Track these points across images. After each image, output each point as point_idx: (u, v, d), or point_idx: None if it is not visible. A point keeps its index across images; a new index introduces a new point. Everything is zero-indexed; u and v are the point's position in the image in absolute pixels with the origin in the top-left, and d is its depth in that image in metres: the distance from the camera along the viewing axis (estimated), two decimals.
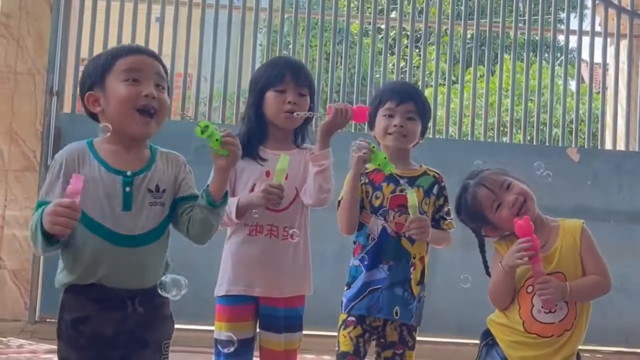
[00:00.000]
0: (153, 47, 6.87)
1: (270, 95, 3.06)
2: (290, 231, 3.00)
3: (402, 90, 3.31)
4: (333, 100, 6.92)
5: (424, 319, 3.29)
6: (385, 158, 3.01)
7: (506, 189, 2.96)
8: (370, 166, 3.19)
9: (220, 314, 3.05)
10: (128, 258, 2.32)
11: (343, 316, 3.18)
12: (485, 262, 3.08)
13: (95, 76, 2.39)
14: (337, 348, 3.17)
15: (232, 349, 2.78)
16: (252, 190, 3.01)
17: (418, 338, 3.29)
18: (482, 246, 3.10)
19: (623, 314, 6.26)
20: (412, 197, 3.06)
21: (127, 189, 2.32)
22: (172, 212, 2.44)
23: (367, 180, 3.21)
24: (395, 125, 3.19)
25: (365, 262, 3.16)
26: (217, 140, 2.29)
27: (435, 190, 3.25)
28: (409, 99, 3.24)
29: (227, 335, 2.42)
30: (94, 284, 2.30)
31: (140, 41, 6.46)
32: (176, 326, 6.62)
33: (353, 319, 3.14)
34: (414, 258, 3.18)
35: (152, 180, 2.39)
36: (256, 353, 3.07)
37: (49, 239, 2.18)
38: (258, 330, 3.06)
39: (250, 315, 3.03)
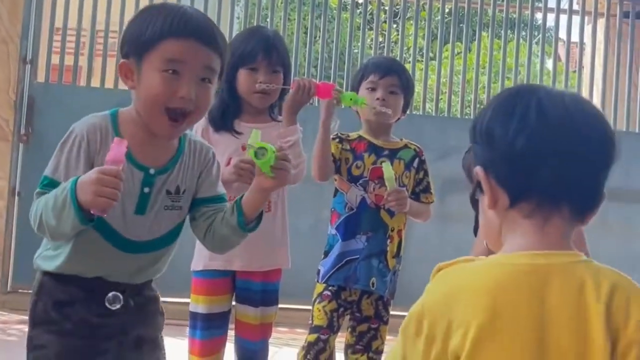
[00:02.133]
0: (129, 19, 6.81)
1: (242, 73, 3.03)
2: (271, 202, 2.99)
3: (385, 64, 3.30)
4: (311, 75, 6.90)
5: (399, 294, 3.31)
6: (351, 98, 3.03)
7: None
8: (353, 135, 3.20)
9: (196, 287, 3.03)
10: (131, 263, 2.06)
11: (319, 288, 3.17)
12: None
13: (135, 46, 1.98)
14: (310, 321, 3.17)
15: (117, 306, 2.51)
16: (228, 164, 2.99)
17: (393, 312, 3.31)
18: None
19: None
20: (388, 169, 3.07)
21: (146, 189, 2.00)
22: (190, 210, 2.14)
23: (348, 147, 3.20)
24: (377, 99, 3.18)
25: (342, 231, 3.16)
26: (269, 166, 1.96)
27: (415, 164, 3.26)
28: (392, 73, 3.23)
29: (113, 295, 2.16)
30: (91, 277, 2.04)
31: (115, 13, 6.37)
32: None
33: (329, 293, 3.14)
34: (392, 230, 3.18)
35: (173, 181, 2.06)
36: (231, 326, 3.06)
37: (84, 214, 1.81)
38: (234, 303, 3.06)
39: (227, 289, 3.02)
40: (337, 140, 3.20)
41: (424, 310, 1.33)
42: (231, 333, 3.06)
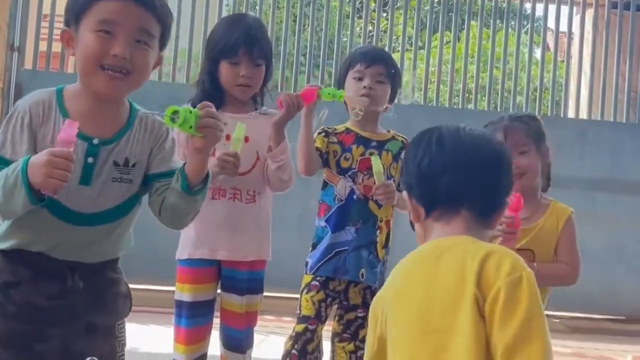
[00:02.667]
0: None
1: (224, 66, 3.02)
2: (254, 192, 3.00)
3: (372, 53, 3.30)
4: (299, 64, 6.89)
5: (382, 283, 3.32)
6: (335, 92, 3.07)
7: (519, 154, 2.77)
8: (340, 128, 3.21)
9: (181, 276, 3.03)
10: (77, 236, 1.99)
11: (307, 278, 3.17)
12: None
13: (72, 12, 1.99)
14: (298, 311, 3.17)
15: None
16: (213, 153, 2.99)
17: None
18: None
19: (580, 280, 6.36)
20: (377, 163, 3.07)
21: (90, 159, 1.95)
22: (145, 186, 2.08)
23: (335, 140, 3.21)
24: (364, 87, 3.18)
25: (332, 223, 3.16)
26: (190, 127, 1.90)
27: (402, 155, 3.26)
28: (379, 62, 3.22)
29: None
30: (30, 251, 1.99)
31: None
32: (138, 286, 6.60)
33: (317, 283, 3.14)
34: (380, 221, 3.19)
35: (121, 152, 2.01)
36: (217, 314, 3.07)
37: (35, 194, 1.81)
38: (219, 291, 3.06)
39: (212, 277, 3.02)
40: (323, 134, 3.20)
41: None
42: (217, 321, 3.06)
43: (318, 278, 3.14)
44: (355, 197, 3.15)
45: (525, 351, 1.52)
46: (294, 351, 3.09)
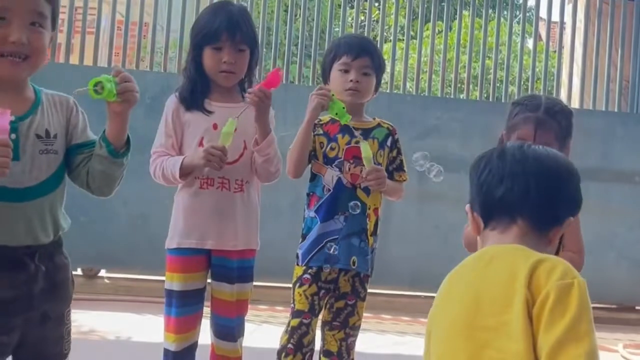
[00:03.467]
0: None
1: (207, 52, 3.02)
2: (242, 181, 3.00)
3: (358, 45, 3.26)
4: (291, 54, 6.88)
5: (379, 272, 3.33)
6: (343, 108, 3.02)
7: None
8: (325, 118, 3.20)
9: (171, 265, 3.03)
10: (21, 212, 2.02)
11: (298, 270, 3.17)
12: None
13: None
14: (292, 305, 3.17)
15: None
16: (201, 142, 2.99)
17: (372, 290, 3.32)
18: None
19: None
20: (366, 148, 3.07)
21: (12, 135, 1.97)
22: (67, 161, 2.16)
23: (321, 132, 3.21)
24: (351, 81, 3.17)
25: (321, 214, 3.17)
26: (114, 95, 2.01)
27: (389, 142, 3.26)
28: (365, 54, 3.21)
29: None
30: None
31: None
32: (133, 276, 6.55)
33: (308, 276, 3.14)
34: (369, 209, 3.19)
35: (40, 125, 2.07)
36: (207, 303, 3.07)
37: None
38: (209, 281, 3.07)
39: (202, 266, 3.02)
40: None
41: None
42: (207, 311, 3.07)
43: (309, 270, 3.14)
44: (343, 185, 3.16)
45: (569, 352, 1.51)
46: (289, 345, 3.10)
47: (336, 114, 3.03)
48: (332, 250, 3.12)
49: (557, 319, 1.54)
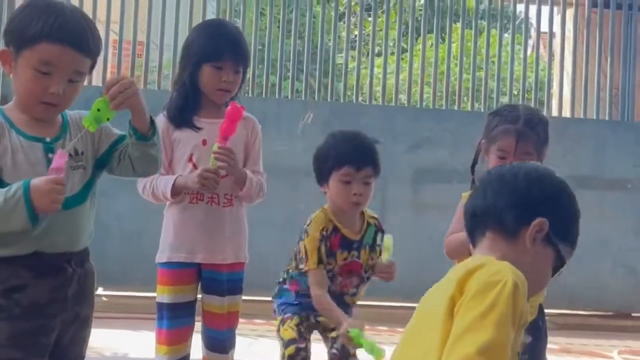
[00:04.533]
0: (101, 13, 6.80)
1: (206, 69, 3.05)
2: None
3: (359, 156, 3.10)
4: (284, 67, 6.92)
5: (373, 284, 3.31)
6: (374, 343, 2.89)
7: (522, 158, 2.77)
8: (330, 227, 3.13)
9: (161, 279, 3.06)
10: (60, 222, 2.23)
11: (277, 320, 3.15)
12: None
13: (15, 40, 2.23)
14: (281, 340, 3.06)
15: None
16: (190, 158, 3.03)
17: (367, 302, 3.29)
18: (474, 164, 3.04)
19: (567, 277, 6.41)
20: (388, 245, 3.11)
21: (50, 155, 2.21)
22: (107, 163, 2.39)
23: (327, 245, 3.08)
24: (355, 194, 3.05)
25: (302, 306, 3.10)
26: (108, 118, 2.24)
27: (378, 240, 3.22)
28: (367, 164, 3.09)
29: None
30: (28, 253, 2.20)
31: (88, 9, 6.36)
32: (124, 294, 6.58)
33: (289, 314, 3.10)
34: (354, 303, 3.19)
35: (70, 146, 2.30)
36: (199, 318, 3.09)
37: (34, 217, 2.11)
38: (199, 296, 3.09)
39: (192, 279, 3.05)
40: (320, 238, 3.06)
41: None
42: (198, 325, 3.08)
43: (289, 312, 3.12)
44: (330, 291, 3.06)
45: (465, 341, 1.51)
46: None
47: (371, 350, 2.87)
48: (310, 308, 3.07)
49: (468, 311, 1.55)
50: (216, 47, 3.03)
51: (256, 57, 6.82)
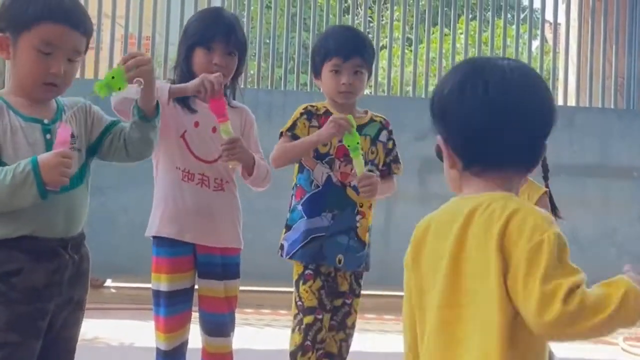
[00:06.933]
0: (107, 9, 6.83)
1: (198, 52, 3.05)
2: (230, 165, 3.02)
3: (349, 45, 3.16)
4: (289, 61, 6.94)
5: (380, 273, 3.31)
6: (358, 143, 2.96)
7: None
8: (321, 108, 3.16)
9: (157, 266, 3.04)
10: (57, 204, 2.24)
11: (299, 268, 3.13)
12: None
13: (13, 23, 2.26)
14: (300, 302, 3.07)
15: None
16: (182, 136, 3.02)
17: (374, 292, 3.31)
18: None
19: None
20: (360, 164, 3.03)
21: (48, 136, 2.26)
22: (99, 148, 2.42)
23: (316, 124, 3.16)
24: (344, 84, 3.16)
25: (308, 209, 3.15)
26: (119, 88, 2.30)
27: (383, 137, 3.22)
28: (356, 53, 3.13)
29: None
30: (24, 237, 2.21)
31: (93, 4, 6.39)
32: (132, 285, 6.59)
33: (310, 272, 3.11)
34: (361, 207, 3.17)
35: None
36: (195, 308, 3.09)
37: (44, 191, 2.12)
38: (196, 286, 3.08)
39: (189, 266, 3.03)
40: (306, 116, 3.15)
41: None
42: (195, 315, 3.07)
43: (310, 266, 3.12)
44: (332, 183, 3.13)
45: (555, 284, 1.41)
46: (307, 343, 3.02)
47: (348, 146, 2.96)
48: (318, 247, 3.09)
49: (530, 281, 1.41)
50: (207, 29, 3.04)
51: (262, 50, 6.84)
